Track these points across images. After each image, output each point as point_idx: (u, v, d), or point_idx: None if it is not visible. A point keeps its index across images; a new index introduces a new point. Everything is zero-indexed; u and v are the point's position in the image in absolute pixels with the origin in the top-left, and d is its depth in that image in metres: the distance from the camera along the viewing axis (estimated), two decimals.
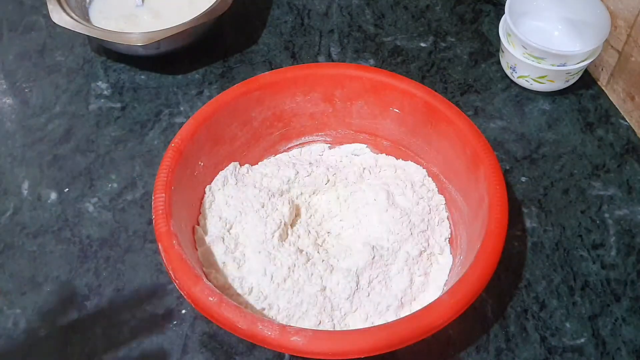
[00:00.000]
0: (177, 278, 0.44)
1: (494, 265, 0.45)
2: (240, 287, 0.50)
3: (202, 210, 0.55)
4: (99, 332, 0.52)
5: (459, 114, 0.54)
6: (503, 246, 0.46)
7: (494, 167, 0.50)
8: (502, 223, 0.47)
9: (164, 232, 0.46)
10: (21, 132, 0.65)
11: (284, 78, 0.57)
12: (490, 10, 0.77)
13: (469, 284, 0.44)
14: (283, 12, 0.77)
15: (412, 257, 0.52)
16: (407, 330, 0.42)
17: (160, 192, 0.49)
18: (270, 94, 0.57)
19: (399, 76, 0.57)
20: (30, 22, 0.76)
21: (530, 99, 0.68)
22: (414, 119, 0.57)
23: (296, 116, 0.59)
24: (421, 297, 0.51)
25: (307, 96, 0.58)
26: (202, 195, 0.55)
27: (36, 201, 0.60)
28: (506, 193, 0.49)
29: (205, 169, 0.55)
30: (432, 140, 0.56)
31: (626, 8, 0.62)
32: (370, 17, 0.77)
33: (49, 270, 0.55)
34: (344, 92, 0.58)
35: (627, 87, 0.65)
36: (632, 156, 0.63)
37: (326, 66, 0.61)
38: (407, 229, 0.53)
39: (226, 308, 0.42)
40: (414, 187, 0.57)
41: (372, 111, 0.59)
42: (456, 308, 0.43)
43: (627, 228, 0.58)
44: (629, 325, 0.52)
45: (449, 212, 0.56)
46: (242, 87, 0.56)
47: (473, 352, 0.51)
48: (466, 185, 0.53)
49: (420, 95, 0.55)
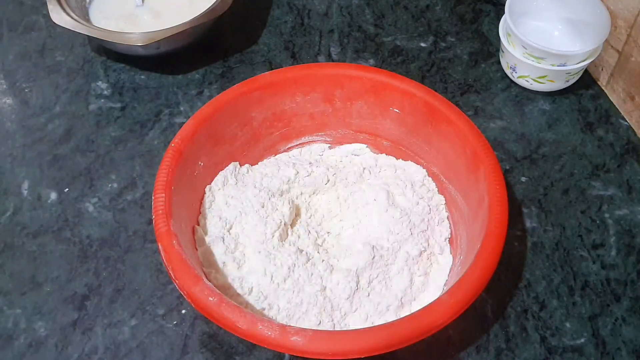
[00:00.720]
0: (177, 278, 0.44)
1: (494, 265, 0.45)
2: (240, 287, 0.50)
3: (202, 210, 0.54)
4: (99, 332, 0.52)
5: (459, 114, 0.54)
6: (503, 246, 0.46)
7: (494, 167, 0.50)
8: (502, 223, 0.47)
9: (164, 232, 0.46)
10: (21, 132, 0.65)
11: (284, 78, 0.57)
12: (490, 10, 0.77)
13: (469, 284, 0.44)
14: (283, 12, 0.77)
15: (412, 257, 0.52)
16: (407, 330, 0.42)
17: (160, 192, 0.49)
18: (270, 94, 0.57)
19: (399, 76, 0.57)
20: (30, 22, 0.76)
21: (530, 99, 0.68)
22: (414, 119, 0.57)
23: (296, 116, 0.59)
24: (421, 297, 0.51)
25: (307, 96, 0.58)
26: (202, 195, 0.55)
27: (36, 201, 0.60)
28: (506, 193, 0.49)
29: (205, 169, 0.55)
30: (432, 140, 0.56)
31: (626, 8, 0.62)
32: (370, 17, 0.77)
33: (49, 270, 0.55)
34: (344, 92, 0.58)
35: (627, 87, 0.65)
36: (632, 156, 0.63)
37: (326, 66, 0.61)
38: (407, 229, 0.53)
39: (226, 308, 0.42)
40: (414, 187, 0.57)
41: (372, 111, 0.59)
42: (456, 308, 0.43)
43: (627, 228, 0.58)
44: (629, 325, 0.52)
45: (449, 212, 0.56)
46: (242, 87, 0.56)
47: (473, 352, 0.51)
48: (466, 185, 0.53)
49: (420, 95, 0.55)
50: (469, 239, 0.51)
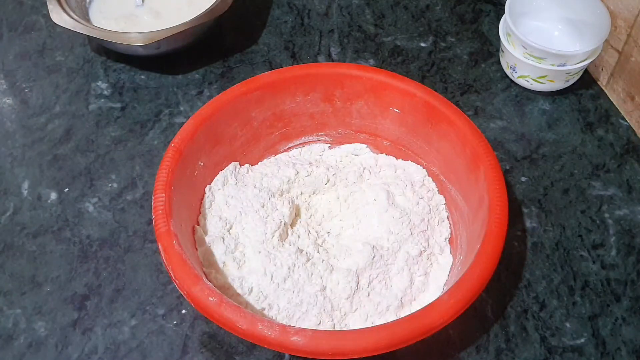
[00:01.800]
0: (177, 278, 0.44)
1: (493, 266, 0.45)
2: (240, 287, 0.50)
3: (202, 210, 0.54)
4: (99, 332, 0.52)
5: (459, 113, 0.54)
6: (503, 246, 0.46)
7: (494, 167, 0.50)
8: (502, 223, 0.47)
9: (164, 232, 0.46)
10: (21, 132, 0.65)
11: (284, 78, 0.57)
12: (490, 10, 0.77)
13: (469, 284, 0.44)
14: (283, 12, 0.77)
15: (412, 257, 0.52)
16: (407, 330, 0.42)
17: (160, 192, 0.49)
18: (270, 94, 0.57)
19: (399, 76, 0.57)
20: (30, 22, 0.76)
21: (530, 99, 0.68)
22: (414, 119, 0.57)
23: (296, 116, 0.59)
24: (421, 297, 0.51)
25: (307, 96, 0.58)
26: (202, 195, 0.55)
27: (36, 201, 0.60)
28: (506, 193, 0.49)
29: (205, 169, 0.55)
30: (432, 140, 0.56)
31: (626, 8, 0.62)
32: (370, 17, 0.77)
33: (49, 270, 0.55)
34: (344, 92, 0.58)
35: (627, 87, 0.65)
36: (632, 156, 0.63)
37: (326, 66, 0.61)
38: (407, 229, 0.53)
39: (226, 308, 0.42)
40: (414, 187, 0.57)
41: (372, 111, 0.59)
42: (456, 308, 0.43)
43: (627, 228, 0.58)
44: (629, 325, 0.52)
45: (449, 212, 0.56)
46: (242, 87, 0.56)
47: (473, 352, 0.51)
48: (466, 185, 0.53)
49: (420, 95, 0.55)
50: (469, 239, 0.51)
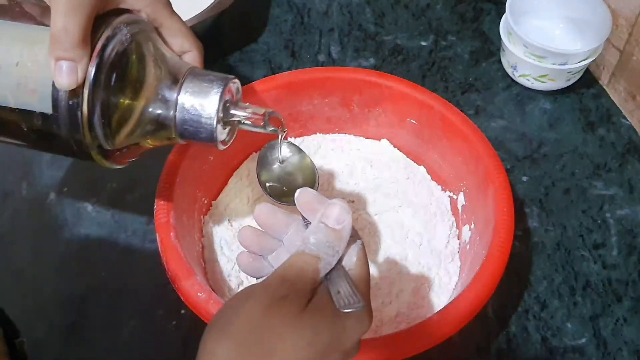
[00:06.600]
0: (170, 270, 0.45)
1: (489, 292, 0.44)
2: (241, 286, 0.50)
3: (209, 205, 0.55)
4: (99, 332, 0.52)
5: (475, 130, 0.52)
6: (503, 273, 0.45)
7: (504, 188, 0.49)
8: (505, 249, 0.46)
9: (163, 222, 0.47)
10: None
11: (303, 79, 0.56)
12: (491, 9, 0.77)
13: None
14: (283, 11, 0.77)
15: (417, 267, 0.52)
16: (409, 343, 0.42)
17: (164, 184, 0.49)
18: (287, 94, 0.56)
19: (418, 86, 0.55)
20: None
21: (531, 98, 0.68)
22: (431, 132, 0.56)
23: (312, 118, 0.59)
24: (427, 306, 0.51)
25: (325, 99, 0.58)
26: (210, 192, 0.55)
27: (35, 201, 0.60)
28: (513, 218, 0.47)
29: (215, 164, 0.55)
30: (447, 154, 0.55)
31: (627, 7, 0.62)
32: (371, 16, 0.76)
33: (48, 270, 0.55)
34: (362, 98, 0.57)
35: (629, 86, 0.64)
36: (634, 156, 0.63)
37: (345, 70, 0.60)
38: (413, 239, 0.53)
39: (214, 305, 0.42)
40: (420, 195, 0.56)
41: (390, 120, 0.58)
42: (458, 320, 0.43)
43: (629, 228, 0.58)
44: (630, 326, 0.52)
45: (458, 230, 0.55)
46: (259, 84, 0.55)
47: (474, 353, 0.51)
48: (475, 200, 0.52)
49: (438, 108, 0.54)
50: (474, 254, 0.50)
